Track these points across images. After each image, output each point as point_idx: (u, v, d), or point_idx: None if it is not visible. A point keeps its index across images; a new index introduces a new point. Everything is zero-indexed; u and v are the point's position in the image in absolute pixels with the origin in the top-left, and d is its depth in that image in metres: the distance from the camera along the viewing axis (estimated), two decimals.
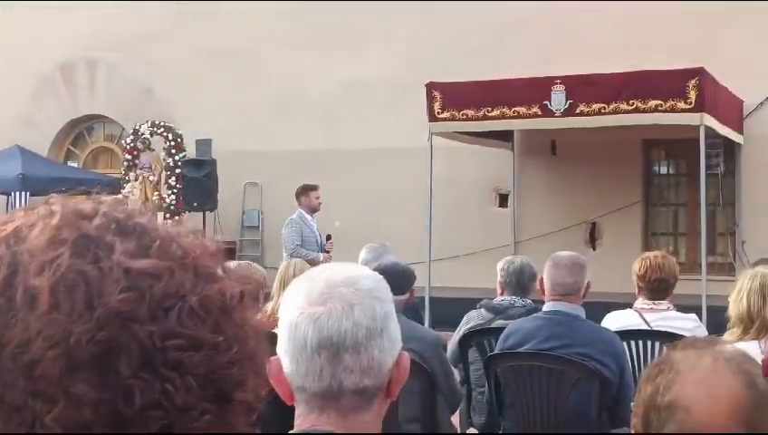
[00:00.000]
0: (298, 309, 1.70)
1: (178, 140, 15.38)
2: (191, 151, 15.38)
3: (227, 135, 15.28)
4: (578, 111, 11.01)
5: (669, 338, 5.17)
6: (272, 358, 1.75)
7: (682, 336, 5.14)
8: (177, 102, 15.99)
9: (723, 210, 13.46)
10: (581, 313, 4.69)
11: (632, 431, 1.80)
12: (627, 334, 5.21)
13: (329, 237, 10.94)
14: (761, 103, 13.12)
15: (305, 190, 11.10)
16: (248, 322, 0.82)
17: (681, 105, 10.56)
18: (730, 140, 12.41)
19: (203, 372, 0.76)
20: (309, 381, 1.67)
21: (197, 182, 14.14)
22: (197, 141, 15.36)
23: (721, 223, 13.57)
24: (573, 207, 13.83)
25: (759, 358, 3.65)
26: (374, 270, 1.85)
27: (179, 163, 15.05)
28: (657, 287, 5.31)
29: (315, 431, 1.67)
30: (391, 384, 1.72)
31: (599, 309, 5.76)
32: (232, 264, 4.00)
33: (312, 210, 10.96)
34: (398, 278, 5.01)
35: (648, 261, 5.34)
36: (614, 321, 5.44)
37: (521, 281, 5.65)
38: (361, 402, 1.68)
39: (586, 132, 11.66)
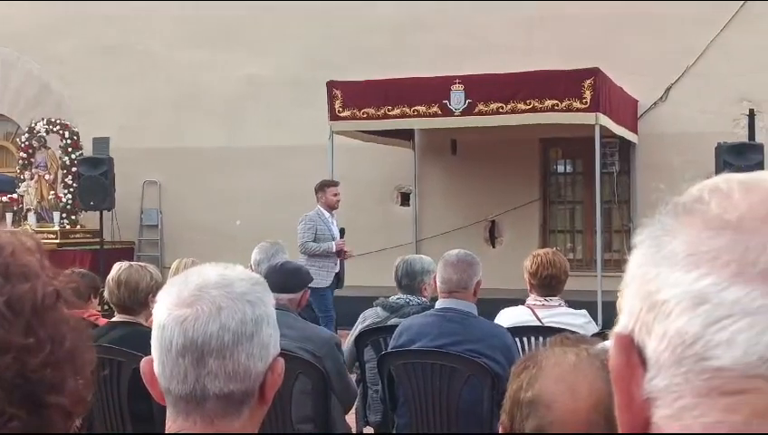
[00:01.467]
0: (167, 310, 1.66)
1: (75, 138, 15.04)
2: (88, 149, 15.08)
3: (125, 133, 15.06)
4: (477, 110, 11.12)
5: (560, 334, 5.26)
6: (145, 358, 1.72)
7: (573, 332, 5.25)
8: (73, 100, 15.68)
9: (618, 208, 13.75)
10: (473, 309, 4.72)
11: (500, 427, 1.81)
12: (519, 331, 5.26)
13: (342, 233, 10.64)
14: (654, 103, 13.43)
15: (322, 187, 10.77)
16: (67, 321, 0.79)
17: (577, 105, 10.75)
18: (625, 139, 12.67)
19: (10, 376, 0.73)
20: (174, 384, 1.63)
21: (94, 181, 13.84)
22: (94, 139, 15.09)
23: (616, 220, 13.85)
24: (473, 206, 13.97)
25: None
26: (266, 269, 1.82)
27: (76, 161, 14.73)
28: (548, 284, 5.37)
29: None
30: (265, 390, 1.67)
31: (502, 306, 5.82)
32: (122, 265, 3.88)
33: (330, 207, 10.64)
34: (290, 277, 4.98)
35: (538, 258, 5.41)
36: (507, 317, 5.49)
37: (412, 280, 5.66)
38: (228, 408, 1.64)
39: (485, 131, 11.78)
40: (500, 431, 1.81)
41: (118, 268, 4.89)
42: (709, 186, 0.78)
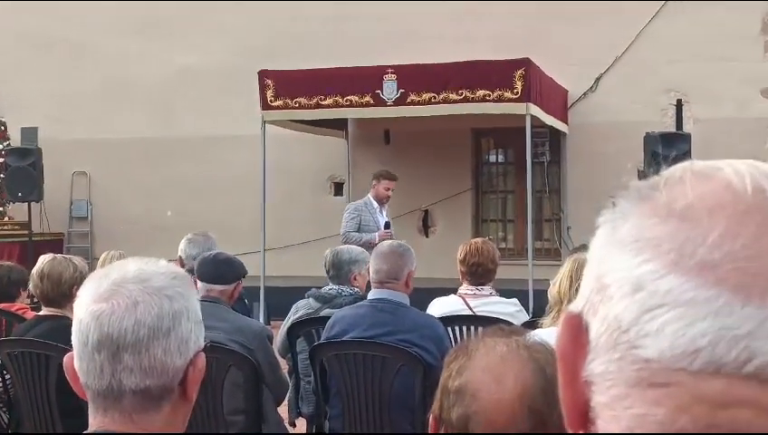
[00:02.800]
0: (85, 304, 1.65)
1: (2, 127, 14.78)
2: (16, 140, 14.81)
3: (54, 123, 14.80)
4: (409, 100, 11.14)
5: (491, 323, 5.30)
6: (68, 353, 1.70)
7: (504, 320, 5.29)
8: (1, 90, 15.36)
9: (549, 197, 13.89)
10: (405, 300, 4.74)
11: (431, 415, 1.81)
12: (450, 320, 5.30)
13: (387, 226, 10.26)
14: (584, 93, 13.57)
15: (378, 176, 10.51)
16: None
17: (508, 95, 10.81)
18: (555, 128, 12.79)
19: None
20: (91, 379, 1.62)
21: (22, 172, 13.59)
22: (22, 130, 14.80)
23: (547, 210, 13.99)
24: (406, 196, 13.97)
25: None
26: (195, 261, 1.80)
27: (3, 152, 14.45)
28: (477, 272, 5.42)
29: (99, 432, 1.62)
30: (187, 385, 1.66)
31: (436, 295, 5.86)
32: (46, 257, 3.84)
33: (380, 199, 10.38)
34: (223, 269, 4.95)
35: (467, 247, 5.46)
36: (439, 307, 5.53)
37: (339, 270, 5.66)
38: (146, 404, 1.62)
39: (418, 121, 11.81)
40: (431, 420, 1.82)
41: (42, 261, 4.83)
42: (668, 173, 0.77)
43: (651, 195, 0.75)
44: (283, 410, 5.52)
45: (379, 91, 11.20)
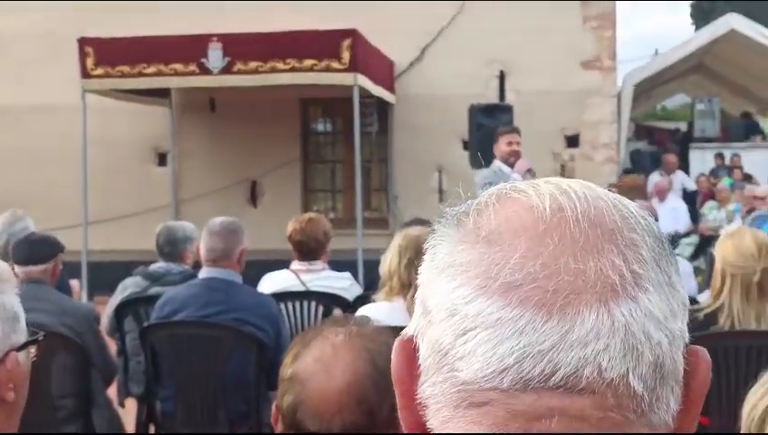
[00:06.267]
0: None
1: None
2: None
3: None
4: (235, 69, 10.97)
5: (325, 298, 5.31)
6: None
7: (338, 296, 5.30)
8: None
9: (377, 167, 14.00)
10: (237, 278, 4.68)
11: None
12: (284, 296, 5.27)
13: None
14: (411, 64, 13.70)
15: (495, 135, 8.57)
16: None
17: (335, 65, 10.80)
18: (383, 99, 12.88)
19: None
20: None
21: None
22: None
23: (375, 180, 14.12)
24: (234, 166, 13.84)
25: (404, 314, 3.80)
26: (13, 243, 1.69)
27: None
28: (303, 249, 5.40)
29: None
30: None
31: (268, 267, 5.80)
32: None
33: (506, 160, 8.22)
34: (38, 247, 4.74)
35: (296, 223, 5.43)
36: (271, 283, 5.49)
37: (174, 247, 5.54)
38: None
39: (245, 90, 11.66)
40: (273, 409, 1.83)
41: None
42: (477, 200, 0.80)
43: (462, 221, 0.78)
44: (111, 391, 5.38)
45: (204, 59, 10.98)
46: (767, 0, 29.21)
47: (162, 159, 14.33)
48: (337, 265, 5.91)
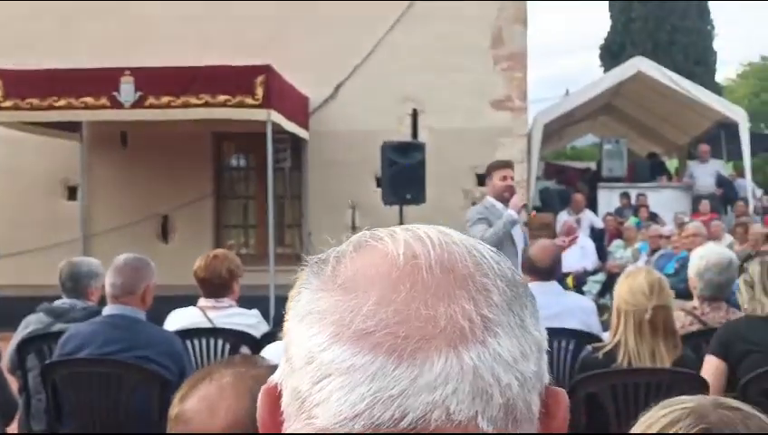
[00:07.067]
0: None
1: None
2: None
3: None
4: (147, 103, 10.89)
5: (232, 335, 5.28)
6: None
7: (245, 333, 5.28)
8: None
9: (290, 203, 13.98)
10: (141, 315, 4.63)
11: None
12: (190, 333, 5.23)
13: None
14: (325, 100, 13.75)
15: (487, 171, 7.94)
16: None
17: (249, 101, 10.80)
18: (297, 135, 12.89)
19: None
20: None
21: None
22: None
23: (289, 215, 14.08)
24: (145, 200, 13.69)
25: None
26: None
27: None
28: (211, 285, 5.36)
29: None
30: None
31: (179, 303, 5.74)
32: None
33: (499, 196, 7.49)
34: None
35: (201, 260, 5.39)
36: (177, 319, 5.44)
37: (77, 283, 5.46)
38: None
39: (157, 125, 11.57)
40: None
41: None
42: (337, 248, 0.81)
43: (320, 269, 0.80)
44: (13, 428, 5.26)
45: (115, 93, 10.88)
46: (673, 45, 30.12)
47: (72, 193, 14.10)
48: (250, 301, 5.88)
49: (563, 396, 0.82)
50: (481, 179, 13.73)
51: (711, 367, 4.44)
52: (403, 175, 10.54)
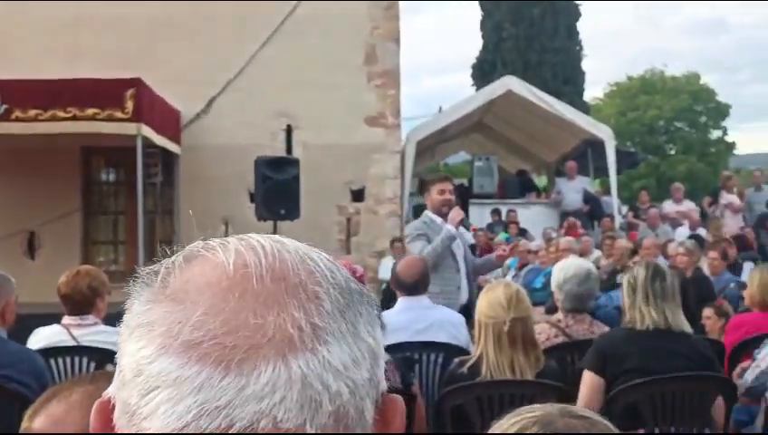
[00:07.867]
0: None
1: None
2: None
3: None
4: (14, 116, 10.59)
5: (97, 353, 5.17)
6: None
7: (110, 351, 5.17)
8: None
9: (162, 219, 13.77)
10: (2, 333, 4.50)
11: None
12: (53, 352, 5.10)
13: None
14: (197, 115, 13.62)
15: (425, 186, 7.67)
16: None
17: (119, 114, 10.60)
18: (168, 150, 12.72)
19: None
20: None
21: None
22: None
23: (160, 231, 13.87)
24: (11, 216, 13.30)
25: None
26: None
27: None
28: (72, 302, 5.24)
29: None
30: None
31: (50, 321, 5.57)
32: None
33: (437, 210, 7.19)
34: None
35: (63, 277, 5.28)
36: (41, 338, 5.30)
37: None
38: None
39: (23, 138, 11.24)
40: None
41: None
42: (169, 260, 0.81)
43: (150, 280, 0.80)
44: None
45: None
46: (543, 64, 30.89)
47: None
48: (118, 319, 5.74)
49: (399, 403, 0.83)
50: (355, 195, 13.82)
51: (588, 383, 4.41)
52: (277, 190, 10.52)
